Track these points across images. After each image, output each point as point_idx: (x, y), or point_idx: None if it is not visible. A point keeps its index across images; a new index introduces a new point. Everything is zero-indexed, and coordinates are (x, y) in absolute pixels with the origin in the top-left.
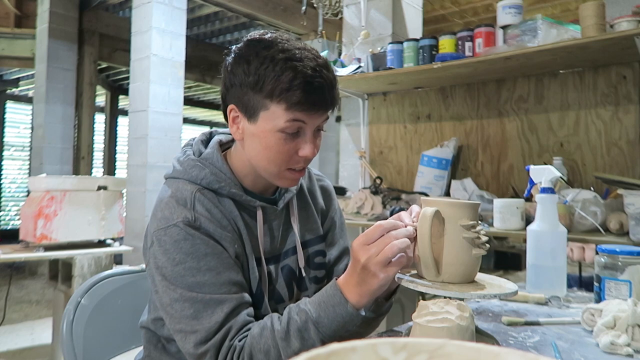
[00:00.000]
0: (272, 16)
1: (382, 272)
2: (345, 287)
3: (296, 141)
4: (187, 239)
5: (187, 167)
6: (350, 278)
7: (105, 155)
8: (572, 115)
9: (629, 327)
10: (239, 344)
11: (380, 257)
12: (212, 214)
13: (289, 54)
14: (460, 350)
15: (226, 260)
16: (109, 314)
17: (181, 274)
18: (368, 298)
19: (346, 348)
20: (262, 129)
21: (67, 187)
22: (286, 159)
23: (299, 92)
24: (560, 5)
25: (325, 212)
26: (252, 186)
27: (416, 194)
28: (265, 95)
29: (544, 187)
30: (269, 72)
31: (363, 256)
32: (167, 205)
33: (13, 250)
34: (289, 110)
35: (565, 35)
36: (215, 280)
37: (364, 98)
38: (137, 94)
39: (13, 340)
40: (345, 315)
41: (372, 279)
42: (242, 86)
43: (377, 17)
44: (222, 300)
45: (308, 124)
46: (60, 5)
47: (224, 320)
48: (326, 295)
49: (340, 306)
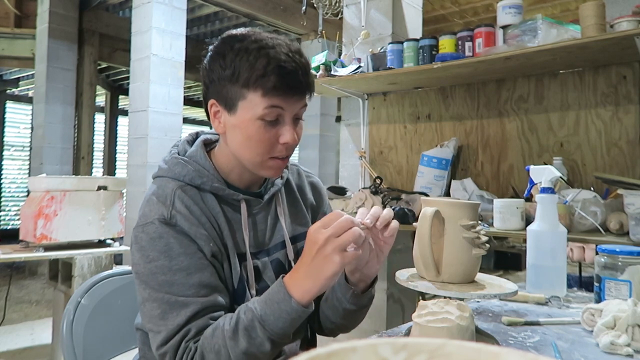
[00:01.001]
0: (272, 16)
1: (339, 255)
2: (291, 282)
3: (276, 129)
4: (162, 237)
5: (171, 165)
6: (299, 270)
7: (105, 155)
8: (572, 115)
9: (629, 327)
10: (193, 345)
11: (340, 240)
12: (192, 210)
13: (261, 43)
14: (460, 350)
15: (199, 260)
16: (109, 314)
17: (153, 272)
18: (315, 291)
19: (346, 348)
20: (242, 119)
21: (67, 187)
22: (268, 147)
23: (274, 76)
24: (560, 5)
25: (316, 207)
26: (238, 181)
27: (416, 194)
28: (242, 84)
29: (544, 187)
30: (244, 62)
31: (321, 237)
32: (148, 203)
33: (13, 250)
34: (266, 96)
35: (565, 35)
36: (185, 281)
37: (364, 98)
38: (137, 94)
39: (13, 340)
40: (290, 311)
41: (326, 264)
42: (219, 80)
43: (377, 17)
44: (188, 302)
45: (286, 109)
46: (60, 5)
47: (185, 323)
48: (271, 292)
49: (284, 302)
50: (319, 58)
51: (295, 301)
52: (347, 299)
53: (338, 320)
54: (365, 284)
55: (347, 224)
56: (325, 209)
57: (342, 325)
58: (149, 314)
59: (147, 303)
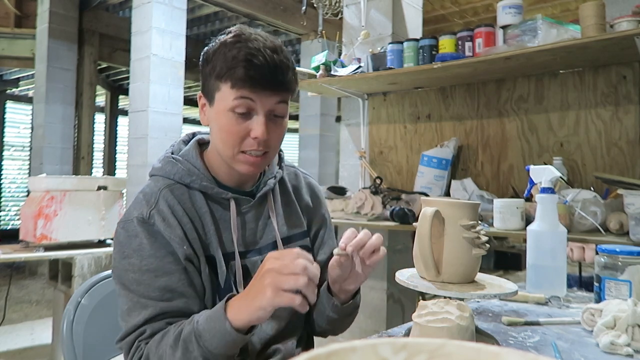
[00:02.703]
0: (272, 16)
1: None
2: (234, 302)
3: (247, 122)
4: (138, 235)
5: (163, 164)
6: (245, 292)
7: (105, 155)
8: (572, 115)
9: (629, 327)
10: (143, 346)
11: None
12: (174, 210)
13: (240, 37)
14: (460, 350)
15: (168, 265)
16: (109, 314)
17: (125, 268)
18: (247, 319)
19: (346, 348)
20: (217, 110)
21: (67, 187)
22: (238, 140)
23: (241, 68)
24: (560, 5)
25: (312, 209)
26: (228, 180)
27: (416, 194)
28: (216, 76)
29: (544, 187)
30: (220, 55)
31: (268, 265)
32: (134, 201)
33: (13, 250)
34: (235, 87)
35: (565, 35)
36: (151, 282)
37: (364, 98)
38: (137, 94)
39: (13, 340)
40: (224, 333)
41: (259, 295)
42: (203, 74)
43: (377, 17)
44: (148, 305)
45: (257, 102)
46: (60, 5)
47: (142, 324)
48: (214, 309)
49: (219, 322)
50: (319, 58)
51: (229, 323)
52: (330, 307)
53: (324, 325)
54: (346, 296)
55: (296, 268)
56: (323, 211)
57: (328, 329)
58: (120, 308)
59: (119, 297)
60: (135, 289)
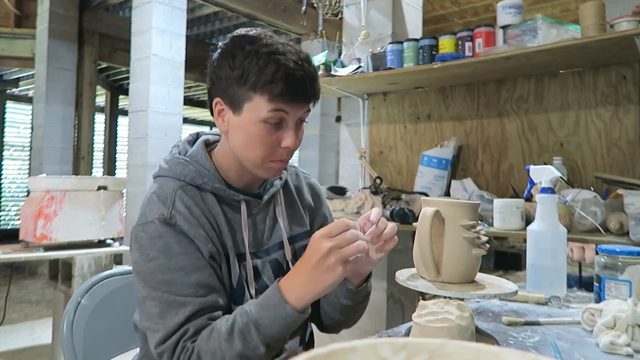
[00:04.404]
0: (272, 16)
1: (342, 266)
2: (288, 286)
3: (278, 132)
4: (162, 236)
5: (172, 165)
6: (297, 276)
7: (105, 155)
8: (572, 115)
9: (629, 327)
10: (190, 345)
11: (345, 252)
12: (192, 210)
13: (272, 47)
14: (460, 350)
15: (197, 260)
16: (109, 314)
17: (152, 271)
18: (310, 298)
19: (346, 348)
20: (246, 120)
21: (67, 187)
22: (269, 149)
23: (282, 83)
24: (560, 5)
25: (314, 209)
26: (236, 181)
27: (416, 194)
28: (249, 87)
29: (544, 187)
30: (253, 66)
31: (325, 246)
32: (148, 202)
33: (13, 250)
34: (272, 101)
35: (565, 35)
36: (184, 280)
37: (364, 98)
38: (137, 94)
39: (13, 340)
40: (285, 316)
41: (328, 274)
42: (227, 79)
43: (377, 17)
44: (186, 302)
45: (290, 114)
46: (60, 5)
47: (183, 322)
48: (267, 296)
49: (279, 307)
50: (319, 58)
51: (290, 306)
52: (343, 295)
53: (337, 316)
54: (359, 279)
55: (352, 237)
56: (324, 210)
57: (341, 320)
58: (148, 312)
59: (147, 301)
60: (168, 290)
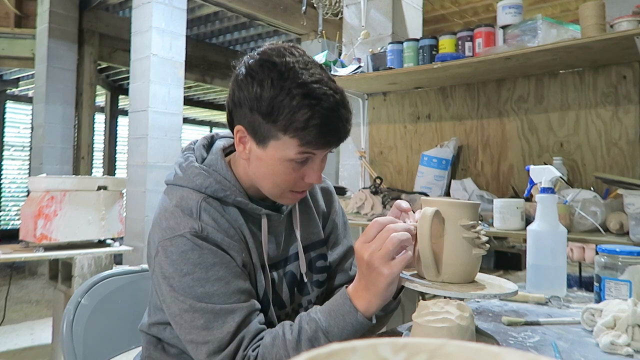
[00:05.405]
0: (272, 16)
1: (386, 267)
2: (355, 294)
3: (303, 169)
4: (195, 249)
5: (190, 175)
6: (358, 284)
7: (105, 155)
8: (572, 115)
9: (629, 327)
10: (252, 353)
11: (382, 252)
12: (219, 223)
13: (306, 89)
14: (460, 350)
15: (234, 269)
16: (109, 314)
17: (190, 285)
18: (378, 302)
19: (346, 348)
20: (271, 156)
21: (67, 187)
22: (291, 184)
23: (315, 132)
24: (560, 5)
25: (326, 214)
26: (255, 193)
27: (416, 194)
28: (279, 128)
29: (544, 187)
30: (285, 107)
31: (365, 253)
32: (172, 215)
33: (13, 250)
34: (302, 146)
35: (565, 35)
36: (225, 290)
37: (364, 98)
38: (137, 94)
39: (13, 340)
40: (355, 323)
41: (378, 278)
42: (252, 110)
43: (377, 17)
44: (233, 309)
45: (317, 154)
46: (60, 5)
47: (236, 330)
48: (336, 304)
49: (349, 315)
50: (319, 58)
51: (361, 314)
52: None
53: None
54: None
55: (386, 234)
56: (334, 216)
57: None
58: (189, 325)
59: (186, 314)
60: (211, 301)
